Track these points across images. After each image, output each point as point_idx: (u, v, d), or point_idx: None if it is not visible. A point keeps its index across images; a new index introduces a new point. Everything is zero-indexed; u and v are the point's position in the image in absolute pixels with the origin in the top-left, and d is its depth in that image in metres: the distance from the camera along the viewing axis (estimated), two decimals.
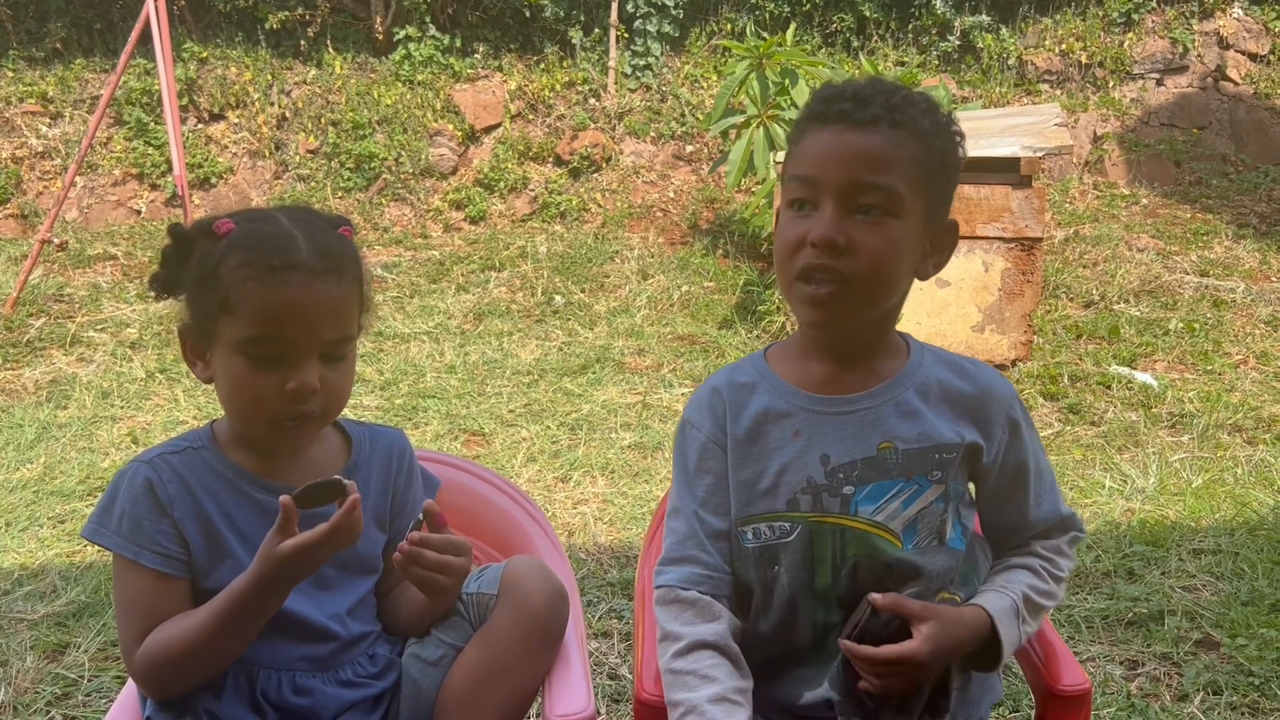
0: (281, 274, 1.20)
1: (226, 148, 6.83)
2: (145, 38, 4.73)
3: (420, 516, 1.30)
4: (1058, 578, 1.34)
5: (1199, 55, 7.26)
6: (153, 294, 1.30)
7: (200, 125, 6.90)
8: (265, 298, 1.19)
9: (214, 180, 6.67)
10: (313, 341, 1.22)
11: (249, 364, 1.21)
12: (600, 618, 2.50)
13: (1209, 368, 4.19)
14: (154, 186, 6.62)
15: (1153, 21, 7.39)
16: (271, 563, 1.17)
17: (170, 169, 6.15)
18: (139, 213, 6.51)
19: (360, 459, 1.37)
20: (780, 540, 1.26)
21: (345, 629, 1.32)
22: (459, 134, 6.89)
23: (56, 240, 5.08)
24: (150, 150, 6.66)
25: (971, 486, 1.35)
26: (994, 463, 1.31)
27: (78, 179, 6.42)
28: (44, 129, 6.80)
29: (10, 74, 7.00)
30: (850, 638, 1.21)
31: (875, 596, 1.21)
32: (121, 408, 3.95)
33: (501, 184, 6.65)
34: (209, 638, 1.19)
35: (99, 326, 4.83)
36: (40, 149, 6.70)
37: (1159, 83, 7.27)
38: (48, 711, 2.19)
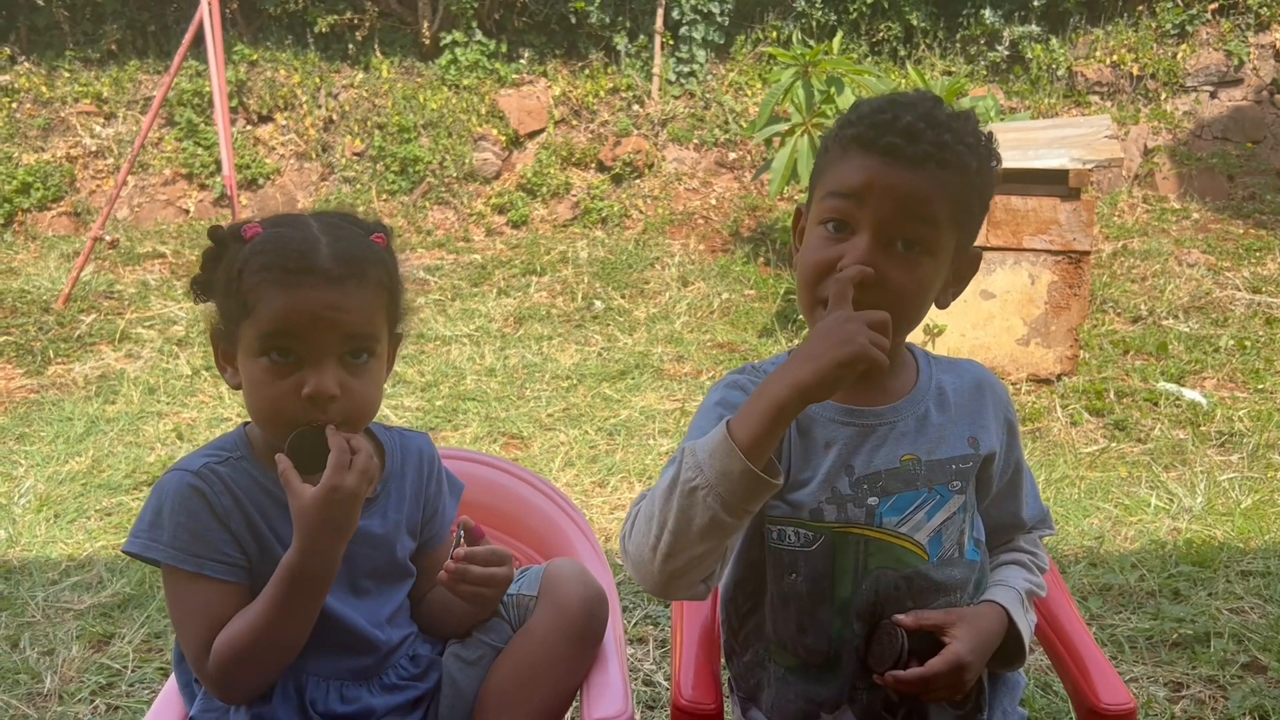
0: (297, 276, 1.19)
1: (274, 149, 6.93)
2: (198, 40, 4.81)
3: (460, 533, 1.30)
4: (1043, 569, 1.41)
5: (1254, 68, 7.14)
6: (193, 297, 1.30)
7: (249, 127, 7.00)
8: (279, 299, 1.19)
9: (261, 181, 6.76)
10: (329, 343, 1.20)
11: (268, 368, 1.20)
12: (636, 624, 2.50)
13: (1260, 386, 4.11)
14: (203, 186, 6.72)
15: (1207, 33, 7.27)
16: (306, 519, 1.15)
17: (219, 169, 6.24)
18: (187, 212, 6.62)
19: (394, 469, 1.36)
20: (802, 549, 1.26)
21: (387, 636, 1.32)
22: (503, 139, 6.93)
23: (108, 238, 5.18)
24: (200, 151, 6.76)
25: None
26: (998, 466, 1.34)
27: (129, 178, 6.54)
28: (98, 129, 6.93)
29: (66, 74, 7.16)
30: (896, 667, 1.20)
31: (901, 618, 1.21)
32: (168, 404, 4.01)
33: (544, 189, 6.68)
34: (271, 622, 1.18)
35: (147, 323, 4.92)
36: (94, 148, 6.83)
37: (1212, 95, 7.15)
38: (92, 701, 2.22)
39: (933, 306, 1.27)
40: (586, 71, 7.38)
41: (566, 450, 3.58)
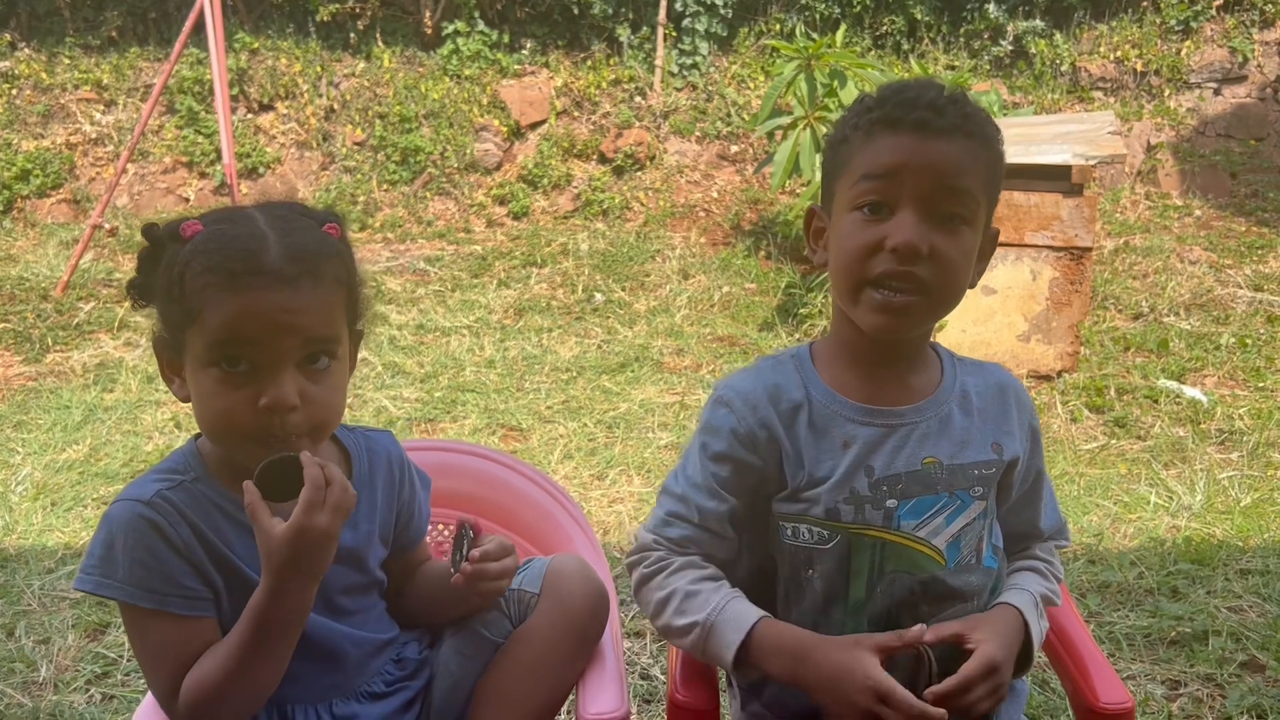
0: (245, 278, 1.09)
1: (275, 138, 6.91)
2: (199, 27, 4.79)
3: (470, 534, 1.27)
4: (1058, 578, 1.39)
5: (1258, 65, 7.12)
6: (131, 303, 1.19)
7: (250, 115, 6.98)
8: (227, 304, 1.09)
9: (262, 170, 6.75)
10: (285, 349, 1.11)
11: (220, 379, 1.10)
12: (633, 618, 2.50)
13: (1261, 384, 4.10)
14: (203, 175, 6.71)
15: (1211, 30, 7.25)
16: (275, 560, 1.07)
17: (219, 158, 6.22)
18: (188, 200, 6.60)
19: (361, 476, 1.29)
20: (817, 546, 1.25)
21: (369, 647, 1.28)
22: (504, 129, 6.92)
23: (107, 226, 5.17)
24: (200, 139, 6.75)
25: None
26: (1019, 472, 1.32)
27: (129, 166, 6.52)
28: (98, 116, 6.92)
29: (67, 61, 7.13)
30: (930, 685, 1.17)
31: (925, 636, 1.18)
32: (166, 392, 3.97)
33: (545, 180, 6.67)
34: (241, 664, 1.10)
35: (146, 312, 4.89)
36: (94, 135, 6.82)
37: (1216, 92, 7.13)
38: (87, 689, 2.22)
39: None
40: (589, 63, 7.36)
41: (565, 443, 3.57)
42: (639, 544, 1.32)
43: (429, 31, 7.35)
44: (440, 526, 1.61)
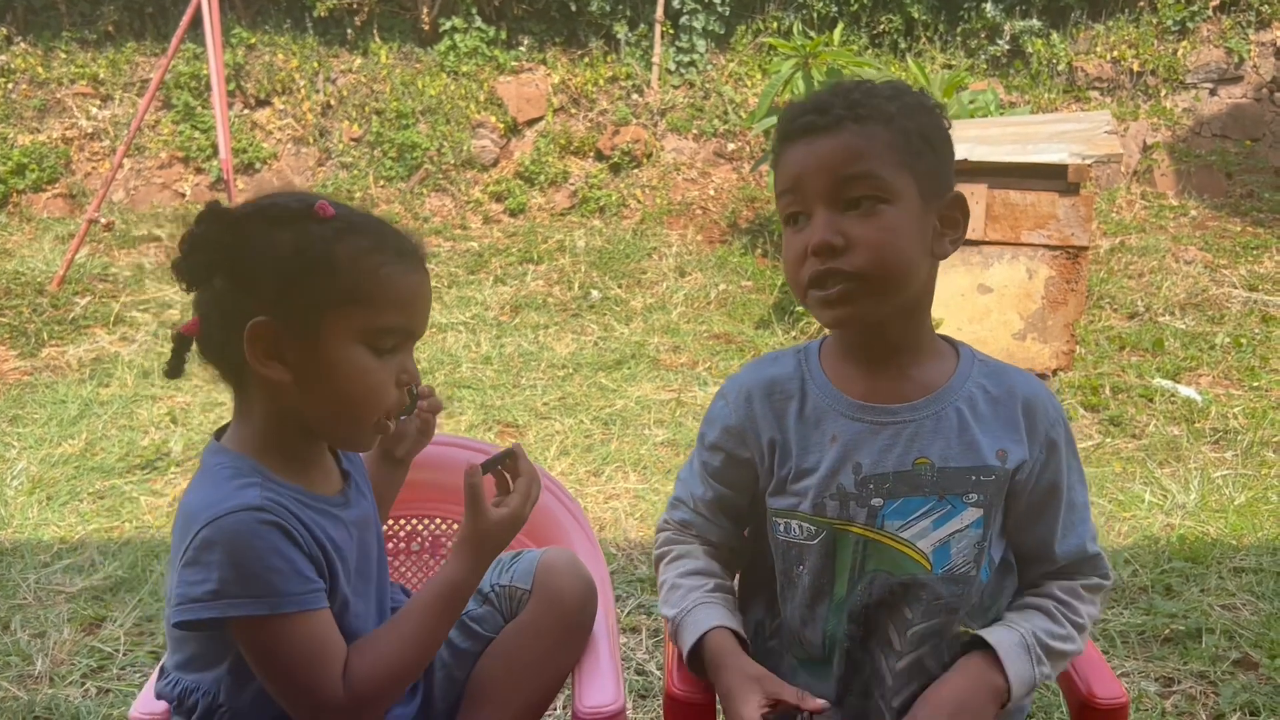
0: (410, 260, 1.16)
1: (271, 133, 6.90)
2: (196, 22, 4.79)
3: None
4: (1077, 624, 1.28)
5: (1254, 66, 7.13)
6: (191, 280, 1.14)
7: (246, 111, 6.97)
8: (405, 284, 1.15)
9: (258, 165, 6.74)
10: (422, 330, 1.21)
11: (371, 355, 1.14)
12: (629, 613, 2.50)
13: (1255, 384, 4.11)
14: (199, 170, 6.70)
15: (1208, 30, 7.26)
16: (488, 538, 1.20)
17: (215, 153, 6.21)
18: (183, 195, 6.59)
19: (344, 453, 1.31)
20: (805, 541, 1.26)
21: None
22: (501, 126, 6.91)
23: (103, 220, 5.16)
24: (196, 134, 6.74)
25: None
26: (1027, 481, 1.26)
27: (125, 161, 6.51)
28: (94, 110, 6.90)
29: (63, 55, 7.12)
30: None
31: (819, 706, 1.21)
32: (162, 387, 4.00)
33: (542, 177, 6.66)
34: (428, 636, 1.18)
35: (141, 306, 4.90)
36: (90, 130, 6.80)
37: (1212, 93, 7.14)
38: (83, 683, 2.22)
39: (934, 266, 1.24)
40: (586, 60, 7.35)
41: (562, 439, 3.57)
42: (658, 525, 1.45)
43: (426, 28, 7.35)
44: (403, 521, 1.64)
